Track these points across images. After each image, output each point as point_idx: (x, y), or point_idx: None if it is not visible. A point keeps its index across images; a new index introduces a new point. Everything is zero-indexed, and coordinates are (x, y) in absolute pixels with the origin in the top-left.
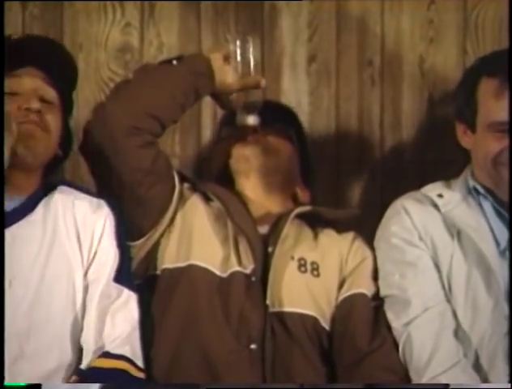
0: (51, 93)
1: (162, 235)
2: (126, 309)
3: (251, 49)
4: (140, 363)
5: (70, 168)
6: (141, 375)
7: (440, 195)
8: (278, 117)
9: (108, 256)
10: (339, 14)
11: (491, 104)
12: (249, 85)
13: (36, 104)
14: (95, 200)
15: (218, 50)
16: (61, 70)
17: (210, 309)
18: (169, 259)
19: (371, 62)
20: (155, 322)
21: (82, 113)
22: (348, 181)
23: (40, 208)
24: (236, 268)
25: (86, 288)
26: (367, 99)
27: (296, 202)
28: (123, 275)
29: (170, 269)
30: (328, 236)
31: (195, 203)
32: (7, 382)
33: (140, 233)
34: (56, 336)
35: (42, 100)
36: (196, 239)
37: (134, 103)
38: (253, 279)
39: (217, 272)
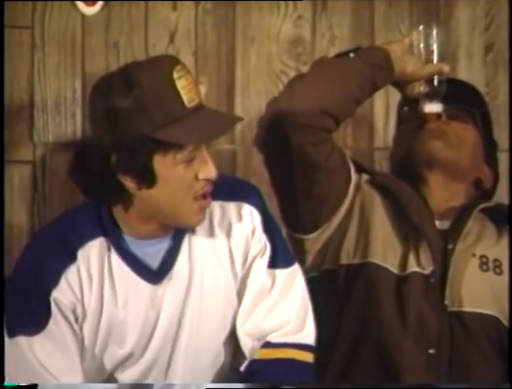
0: None
1: (338, 228)
2: (287, 292)
3: (434, 36)
4: (310, 340)
5: (243, 161)
6: (309, 358)
7: None
8: (461, 96)
9: (260, 256)
10: None
11: None
12: (431, 73)
13: (215, 173)
14: (234, 206)
15: (399, 40)
16: None
17: (387, 308)
18: (346, 255)
19: None
20: (332, 318)
21: (253, 104)
22: None
23: (184, 247)
24: (415, 269)
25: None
26: None
27: (479, 187)
28: (278, 258)
29: (347, 265)
30: (509, 232)
31: (374, 196)
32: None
33: (314, 227)
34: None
35: None
36: (374, 235)
37: (307, 100)
38: (432, 280)
39: (395, 271)
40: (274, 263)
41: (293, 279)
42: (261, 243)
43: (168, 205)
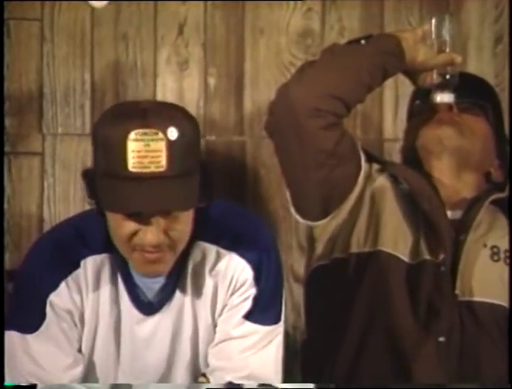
0: None
1: (348, 216)
2: (257, 347)
3: (447, 27)
4: None
5: (252, 152)
6: None
7: None
8: (473, 90)
9: (239, 306)
10: None
11: None
12: (443, 62)
13: (163, 240)
14: (228, 257)
15: (411, 29)
16: None
17: (398, 296)
18: (356, 243)
19: None
20: (342, 306)
21: (262, 96)
22: None
23: (179, 284)
24: (426, 257)
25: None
26: None
27: (490, 181)
28: (258, 313)
29: (357, 254)
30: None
31: (384, 185)
32: None
33: (323, 213)
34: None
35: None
36: (385, 224)
37: (317, 84)
38: (443, 268)
39: (405, 259)
40: (250, 316)
41: (269, 338)
42: (244, 295)
43: (119, 247)
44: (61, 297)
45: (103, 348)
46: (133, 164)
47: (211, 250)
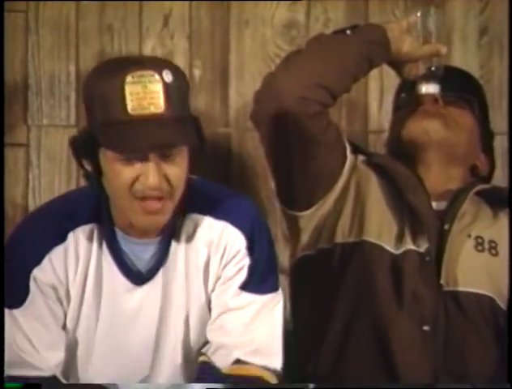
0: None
1: (333, 207)
2: (259, 317)
3: (433, 19)
4: (277, 365)
5: (237, 144)
6: (274, 381)
7: None
8: (459, 84)
9: (234, 277)
10: None
11: None
12: (428, 53)
13: (163, 184)
14: (221, 226)
15: (397, 21)
16: None
17: (382, 286)
18: (341, 233)
19: None
20: (326, 297)
21: (247, 87)
22: None
23: (170, 255)
24: (410, 246)
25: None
26: None
27: (475, 174)
28: (254, 283)
29: (342, 244)
30: (508, 215)
31: (369, 176)
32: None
33: (309, 203)
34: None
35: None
36: (369, 214)
37: (304, 73)
38: (427, 258)
39: (390, 249)
40: (247, 286)
41: (269, 308)
42: (239, 265)
43: (115, 199)
44: (44, 272)
45: (87, 323)
46: (132, 106)
47: (203, 220)
